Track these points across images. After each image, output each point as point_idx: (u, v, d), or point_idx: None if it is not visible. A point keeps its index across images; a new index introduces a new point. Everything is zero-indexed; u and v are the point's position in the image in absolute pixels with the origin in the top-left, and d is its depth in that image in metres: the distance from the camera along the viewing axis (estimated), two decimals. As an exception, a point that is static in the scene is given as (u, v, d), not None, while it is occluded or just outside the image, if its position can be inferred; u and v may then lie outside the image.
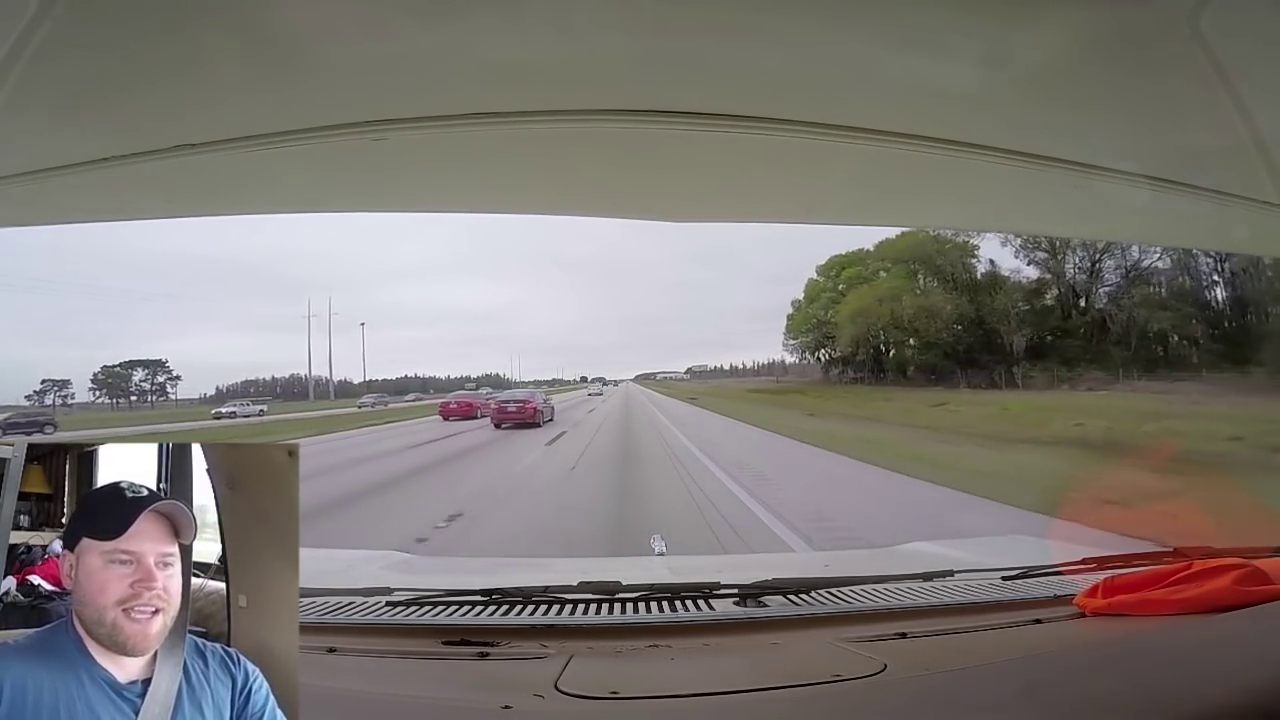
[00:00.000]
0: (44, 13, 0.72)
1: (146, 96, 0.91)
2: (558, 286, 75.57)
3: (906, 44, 0.88)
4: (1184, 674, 0.76)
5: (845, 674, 0.78)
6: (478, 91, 0.96)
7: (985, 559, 1.41)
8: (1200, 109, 0.97)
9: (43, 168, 1.05)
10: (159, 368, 41.12)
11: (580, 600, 1.08)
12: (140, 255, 54.52)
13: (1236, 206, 1.19)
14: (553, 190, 1.42)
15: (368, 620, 1.03)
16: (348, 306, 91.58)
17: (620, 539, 4.89)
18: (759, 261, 59.94)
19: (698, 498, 6.51)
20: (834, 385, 30.85)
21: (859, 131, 1.07)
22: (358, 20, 0.81)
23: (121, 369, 39.83)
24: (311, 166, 1.15)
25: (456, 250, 70.66)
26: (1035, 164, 1.14)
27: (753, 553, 4.34)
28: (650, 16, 0.83)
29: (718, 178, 1.31)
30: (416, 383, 52.64)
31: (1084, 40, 0.85)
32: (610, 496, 6.69)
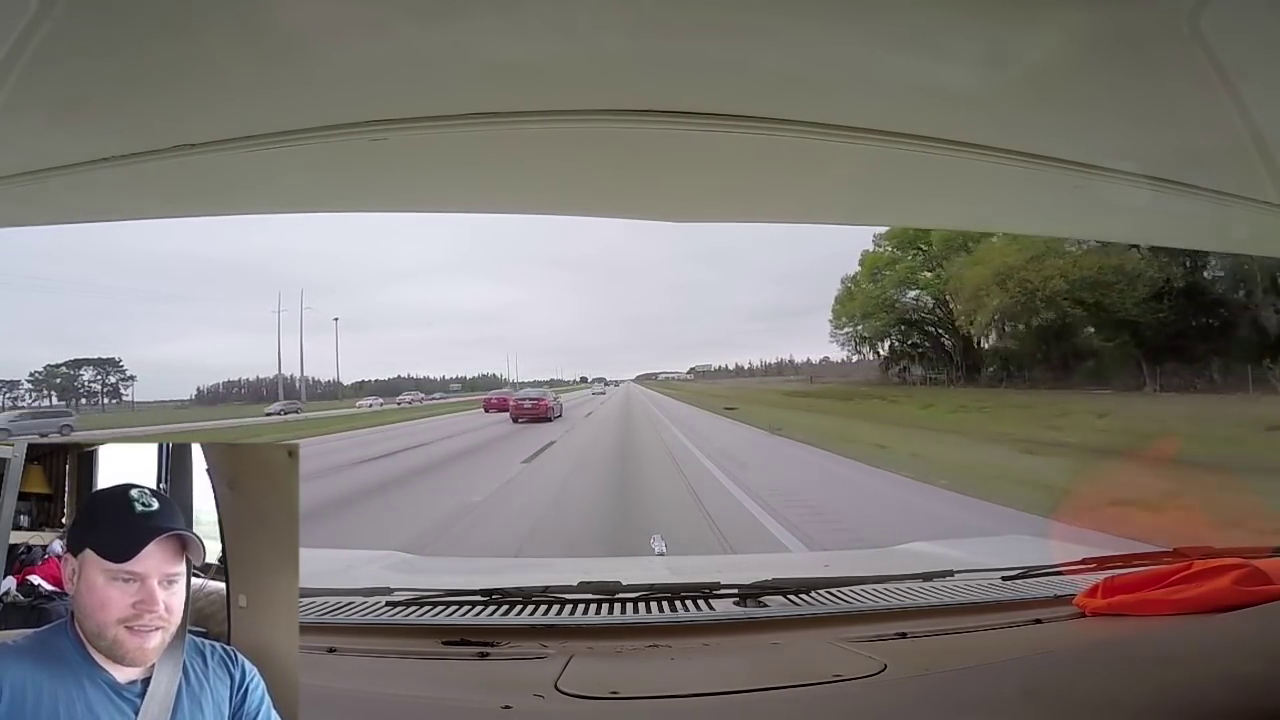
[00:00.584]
0: (44, 13, 0.72)
1: (146, 96, 0.91)
2: (557, 286, 75.52)
3: (906, 44, 0.88)
4: (1184, 674, 0.76)
5: (845, 674, 0.78)
6: (478, 91, 0.96)
7: (985, 559, 1.41)
8: (1200, 109, 0.97)
9: (42, 168, 1.05)
10: (111, 367, 39.64)
11: (580, 600, 1.08)
12: (130, 256, 54.43)
13: (1236, 206, 1.19)
14: (553, 190, 1.42)
15: (368, 620, 1.03)
16: (345, 308, 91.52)
17: (620, 538, 4.88)
18: (761, 261, 59.67)
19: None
20: (898, 385, 25.01)
21: (859, 131, 1.07)
22: (358, 20, 0.81)
23: (68, 368, 38.33)
24: (311, 166, 1.15)
25: (455, 250, 70.61)
26: (1035, 164, 1.14)
27: (753, 553, 4.34)
28: (651, 16, 0.83)
29: (718, 178, 1.31)
30: (409, 383, 52.70)
31: (1084, 40, 0.85)
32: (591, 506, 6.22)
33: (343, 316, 67.98)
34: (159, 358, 44.88)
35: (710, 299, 70.20)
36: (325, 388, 48.05)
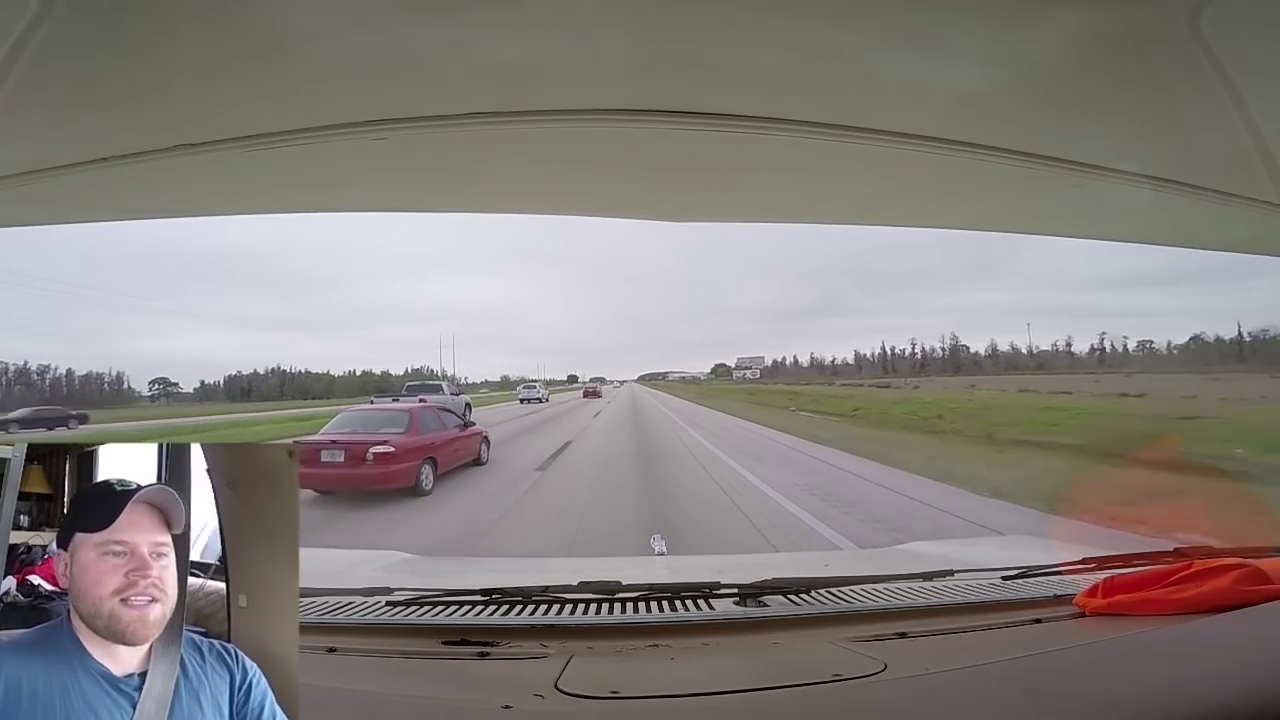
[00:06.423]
0: (44, 13, 0.72)
1: (146, 96, 0.91)
2: (556, 285, 75.50)
3: (907, 44, 0.88)
4: (1184, 674, 0.76)
5: (845, 674, 0.78)
6: (478, 91, 0.96)
7: (985, 559, 1.41)
8: (1200, 109, 0.97)
9: (43, 167, 1.05)
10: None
11: (580, 600, 1.08)
12: (123, 254, 54.34)
13: (1237, 206, 1.19)
14: (553, 190, 1.42)
15: (368, 620, 1.03)
16: (344, 305, 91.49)
17: (625, 537, 4.83)
18: (781, 260, 59.12)
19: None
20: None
21: (859, 131, 1.07)
22: (358, 20, 0.81)
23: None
24: (311, 166, 1.15)
25: (453, 250, 70.52)
26: (1036, 164, 1.14)
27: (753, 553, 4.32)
28: (651, 16, 0.83)
29: (719, 177, 1.31)
30: (399, 381, 52.83)
31: (1084, 41, 0.85)
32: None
33: (339, 315, 68.43)
34: (157, 356, 45.58)
35: (712, 299, 70.29)
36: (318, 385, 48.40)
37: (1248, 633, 0.85)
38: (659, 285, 78.46)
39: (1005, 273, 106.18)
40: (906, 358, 63.08)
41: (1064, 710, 0.69)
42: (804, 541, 4.62)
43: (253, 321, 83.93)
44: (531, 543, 4.88)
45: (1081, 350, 56.86)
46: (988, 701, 0.72)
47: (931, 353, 61.60)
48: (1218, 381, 24.27)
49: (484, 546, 4.70)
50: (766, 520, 5.30)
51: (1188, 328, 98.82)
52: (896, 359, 63.75)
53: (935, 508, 5.59)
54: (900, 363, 57.70)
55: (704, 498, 6.35)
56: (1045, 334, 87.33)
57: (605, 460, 9.42)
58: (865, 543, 4.24)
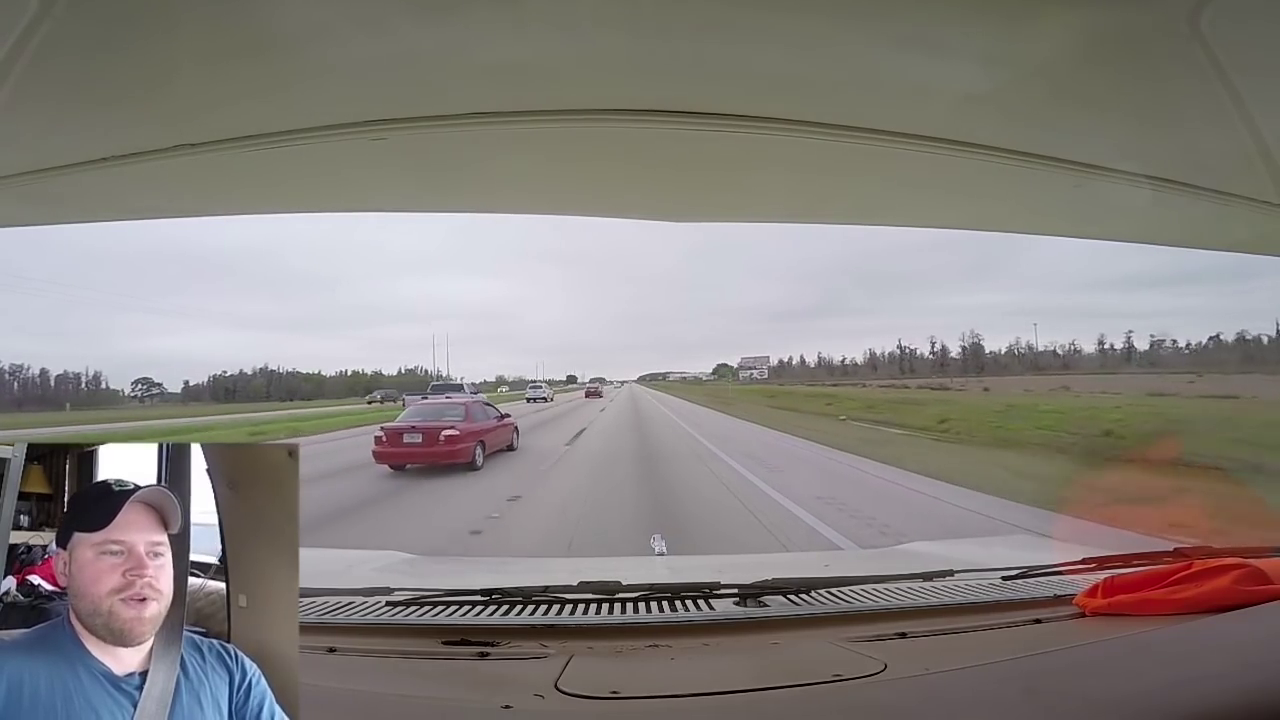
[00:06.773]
0: (44, 13, 0.72)
1: (146, 96, 0.91)
2: (556, 285, 75.50)
3: (908, 44, 0.88)
4: (1184, 674, 0.76)
5: (845, 674, 0.78)
6: (478, 91, 0.96)
7: (985, 559, 1.41)
8: (1201, 109, 0.97)
9: (43, 168, 1.05)
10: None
11: (580, 600, 1.08)
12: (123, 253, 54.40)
13: (1237, 206, 1.19)
14: (553, 190, 1.42)
15: (368, 620, 1.03)
16: (342, 304, 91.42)
17: (623, 538, 4.85)
18: (783, 259, 59.11)
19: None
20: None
21: (859, 131, 1.07)
22: (358, 20, 0.81)
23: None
24: (311, 166, 1.15)
25: (453, 250, 70.60)
26: (1036, 164, 1.14)
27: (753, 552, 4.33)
28: (652, 16, 0.83)
29: (720, 177, 1.31)
30: (391, 380, 52.84)
31: (1085, 40, 0.85)
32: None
33: (337, 315, 68.91)
34: (157, 355, 45.89)
35: (715, 299, 70.33)
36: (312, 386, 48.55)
37: (1248, 633, 0.85)
38: (659, 285, 78.61)
39: (1007, 273, 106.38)
40: (924, 358, 62.30)
41: (1064, 710, 0.69)
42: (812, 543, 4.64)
43: (251, 321, 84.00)
44: (532, 542, 4.98)
45: (1099, 349, 56.38)
46: (988, 702, 0.72)
47: (947, 352, 60.84)
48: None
49: (528, 501, 5.93)
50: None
51: (1195, 329, 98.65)
52: (915, 359, 62.83)
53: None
54: (920, 363, 56.86)
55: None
56: (1047, 334, 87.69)
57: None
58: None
